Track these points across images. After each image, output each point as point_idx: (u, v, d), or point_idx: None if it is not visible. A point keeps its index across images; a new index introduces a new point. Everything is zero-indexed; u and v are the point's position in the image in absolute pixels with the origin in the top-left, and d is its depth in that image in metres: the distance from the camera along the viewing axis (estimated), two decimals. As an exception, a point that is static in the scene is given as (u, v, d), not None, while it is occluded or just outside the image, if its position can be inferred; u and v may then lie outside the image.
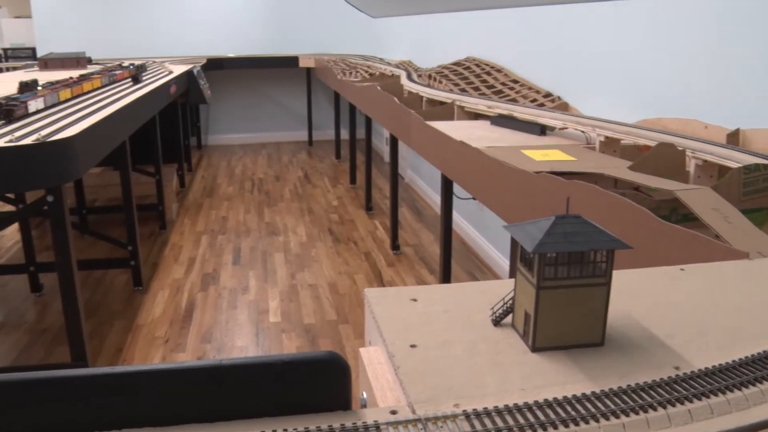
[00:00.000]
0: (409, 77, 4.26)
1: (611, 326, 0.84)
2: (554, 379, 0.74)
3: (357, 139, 6.21)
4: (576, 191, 1.59)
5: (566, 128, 2.46)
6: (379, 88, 3.90)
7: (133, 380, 0.60)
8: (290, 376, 0.63)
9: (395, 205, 4.30)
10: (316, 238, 4.69)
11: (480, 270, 4.12)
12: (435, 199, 5.25)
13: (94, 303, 3.73)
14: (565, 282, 0.78)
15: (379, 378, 0.79)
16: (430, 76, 4.11)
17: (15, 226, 4.72)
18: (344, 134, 7.56)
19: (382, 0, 6.79)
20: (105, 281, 4.04)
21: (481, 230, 4.36)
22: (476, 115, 3.12)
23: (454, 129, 2.70)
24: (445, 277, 3.33)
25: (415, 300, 0.92)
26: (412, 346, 0.80)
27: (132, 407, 0.61)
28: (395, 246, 4.38)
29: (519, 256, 0.82)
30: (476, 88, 3.58)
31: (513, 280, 0.87)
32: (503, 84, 3.56)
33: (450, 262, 3.32)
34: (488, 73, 3.79)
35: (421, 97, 3.63)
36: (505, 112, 2.82)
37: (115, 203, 5.20)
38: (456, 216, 4.49)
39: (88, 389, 0.59)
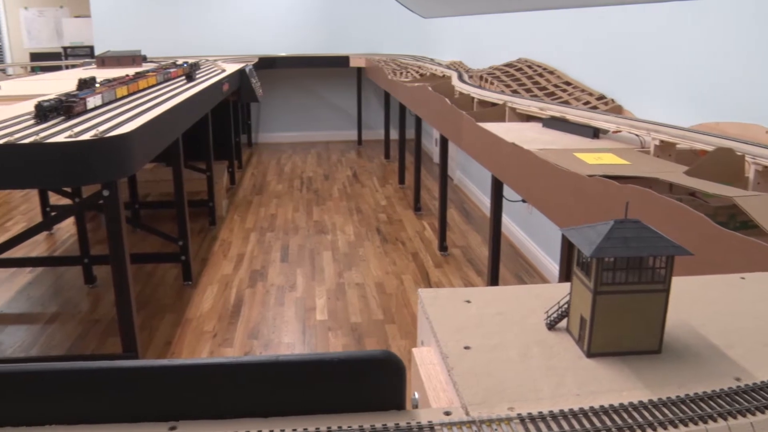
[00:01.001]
0: (461, 78, 4.25)
1: (669, 334, 0.82)
2: (610, 386, 0.73)
3: (406, 140, 6.21)
4: (630, 196, 1.57)
5: (620, 131, 2.42)
6: (430, 88, 3.89)
7: (192, 373, 0.61)
8: (346, 373, 0.63)
9: (444, 205, 4.29)
10: (364, 237, 4.70)
11: (528, 273, 4.09)
12: (484, 200, 5.22)
13: (145, 296, 3.80)
14: (623, 287, 0.77)
15: (432, 379, 0.79)
16: (481, 77, 4.09)
17: (70, 219, 4.84)
18: (393, 134, 7.57)
19: (433, 1, 6.78)
20: (156, 275, 4.11)
21: (530, 233, 4.32)
22: (528, 117, 3.09)
23: (506, 131, 2.68)
24: (493, 280, 3.32)
25: (468, 301, 0.92)
26: (466, 347, 0.80)
27: (189, 399, 0.62)
28: (443, 247, 4.37)
29: (576, 260, 0.81)
30: (528, 90, 3.55)
31: (568, 283, 0.86)
32: (555, 86, 3.52)
33: (498, 264, 3.30)
34: (540, 75, 3.75)
35: (473, 98, 3.62)
36: (557, 115, 2.79)
37: (167, 199, 5.29)
38: (504, 218, 4.46)
39: (150, 380, 0.60)
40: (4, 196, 6.22)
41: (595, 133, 2.53)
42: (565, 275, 2.46)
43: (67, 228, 5.10)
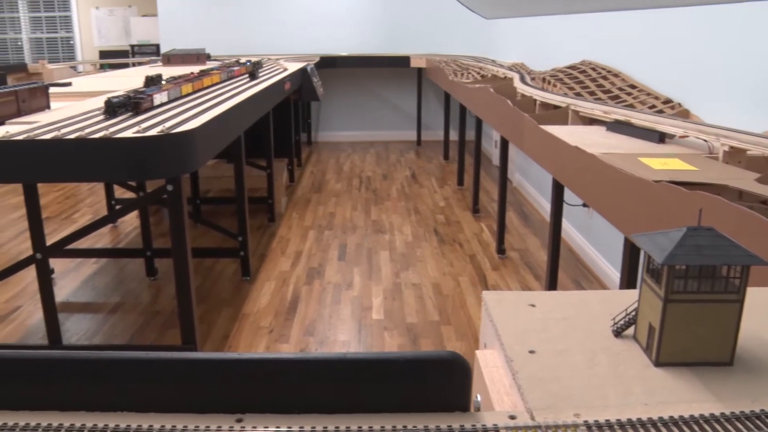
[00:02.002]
0: (522, 80, 4.21)
1: (741, 346, 0.80)
2: (679, 396, 0.71)
3: (466, 141, 6.18)
4: (699, 203, 1.53)
5: (687, 136, 2.37)
6: (491, 90, 3.87)
7: (260, 367, 0.62)
8: (412, 373, 0.63)
9: (503, 208, 4.26)
10: (422, 238, 4.70)
11: (586, 279, 4.03)
12: (543, 204, 5.16)
13: (204, 290, 3.87)
14: (695, 296, 0.75)
15: (496, 381, 0.79)
16: (544, 80, 4.05)
17: (134, 213, 4.95)
18: (453, 135, 7.54)
19: (496, 1, 6.74)
20: (215, 270, 4.17)
21: (590, 238, 4.25)
22: (591, 121, 3.05)
23: (568, 134, 2.64)
24: (552, 284, 3.28)
25: (533, 305, 0.91)
26: (531, 351, 0.79)
27: (256, 393, 0.63)
28: (501, 250, 4.34)
29: (646, 266, 0.80)
30: (592, 93, 3.50)
31: (635, 290, 0.84)
32: (620, 89, 3.46)
33: (557, 268, 3.26)
34: (604, 78, 3.69)
35: (535, 100, 3.58)
36: (621, 118, 2.74)
37: (227, 195, 5.37)
38: (563, 222, 4.40)
39: (219, 372, 0.61)
40: (71, 189, 6.40)
41: (661, 137, 2.48)
42: (627, 282, 2.42)
43: (130, 221, 5.23)
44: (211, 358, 0.61)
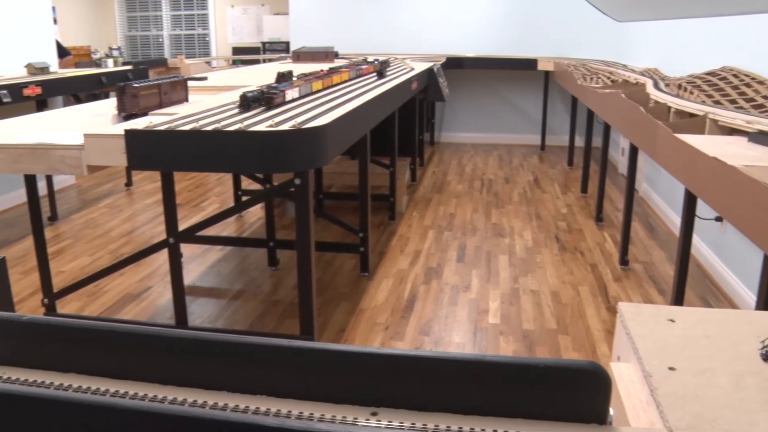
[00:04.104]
0: (656, 86, 4.06)
1: None
2: (837, 429, 0.66)
3: (592, 147, 6.03)
4: None
5: (840, 151, 2.21)
6: (623, 95, 3.75)
7: (397, 362, 0.62)
8: (549, 380, 0.62)
9: (628, 218, 4.12)
10: (542, 244, 4.61)
11: (715, 297, 3.84)
12: (671, 216, 4.96)
13: (323, 283, 3.94)
14: None
15: (631, 396, 0.76)
16: (679, 86, 3.89)
17: (258, 204, 5.11)
18: (578, 141, 7.38)
19: (629, 3, 6.52)
20: (334, 264, 4.25)
21: (721, 254, 4.05)
22: (731, 131, 2.90)
23: (706, 144, 2.52)
24: (678, 300, 3.14)
25: (672, 321, 0.88)
26: (671, 368, 0.76)
27: (392, 388, 0.63)
28: (624, 261, 4.20)
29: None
30: (732, 101, 3.33)
31: (788, 312, 0.79)
32: (765, 97, 3.27)
33: (684, 284, 3.13)
34: (747, 85, 3.51)
35: (669, 107, 3.44)
36: (766, 129, 2.59)
37: (349, 191, 5.46)
38: (693, 236, 4.21)
39: (357, 365, 0.62)
40: (201, 178, 6.68)
41: (810, 151, 2.33)
42: (765, 302, 2.28)
43: (254, 212, 5.40)
44: (351, 350, 0.62)
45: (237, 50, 11.39)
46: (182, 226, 3.33)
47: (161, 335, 0.64)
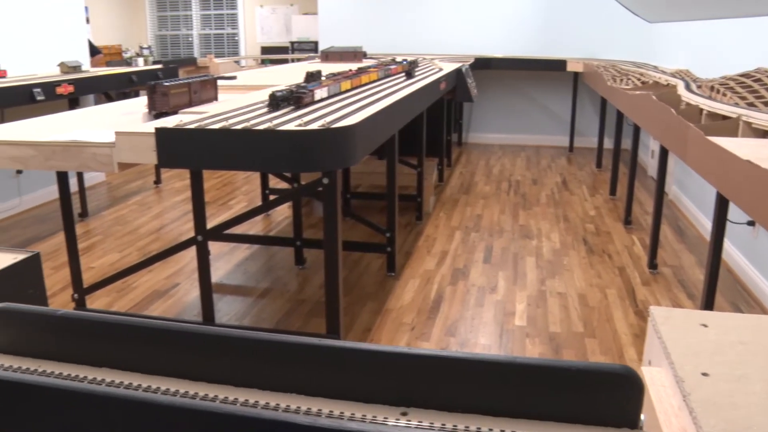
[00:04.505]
0: (688, 88, 4.01)
1: None
2: None
3: (621, 149, 5.97)
4: None
5: None
6: (654, 97, 3.71)
7: (428, 362, 0.62)
8: (581, 383, 0.61)
9: (658, 221, 4.08)
10: (570, 246, 4.58)
11: (746, 303, 3.78)
12: (701, 219, 4.90)
13: (349, 283, 3.95)
14: None
15: (663, 401, 0.75)
16: (711, 88, 3.84)
17: (286, 203, 5.13)
18: (607, 143, 7.32)
19: (661, 4, 6.46)
20: (361, 263, 4.25)
21: (753, 259, 4.00)
22: (765, 133, 2.86)
23: (739, 146, 2.49)
24: (708, 305, 3.10)
25: (705, 326, 0.86)
26: (704, 374, 0.75)
27: (422, 388, 0.63)
28: (653, 264, 4.16)
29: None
30: (767, 103, 3.28)
31: (825, 319, 0.78)
32: (799, 101, 3.22)
33: (715, 289, 3.08)
34: (782, 89, 3.45)
35: (701, 109, 3.40)
36: (801, 133, 2.55)
37: (376, 191, 5.46)
38: (724, 241, 4.15)
39: (387, 364, 0.62)
40: (229, 177, 6.73)
41: None
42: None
43: (281, 210, 5.43)
44: (381, 350, 0.61)
45: (266, 50, 11.46)
46: (210, 224, 3.35)
47: (193, 332, 0.65)
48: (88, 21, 8.95)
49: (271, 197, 5.26)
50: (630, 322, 3.43)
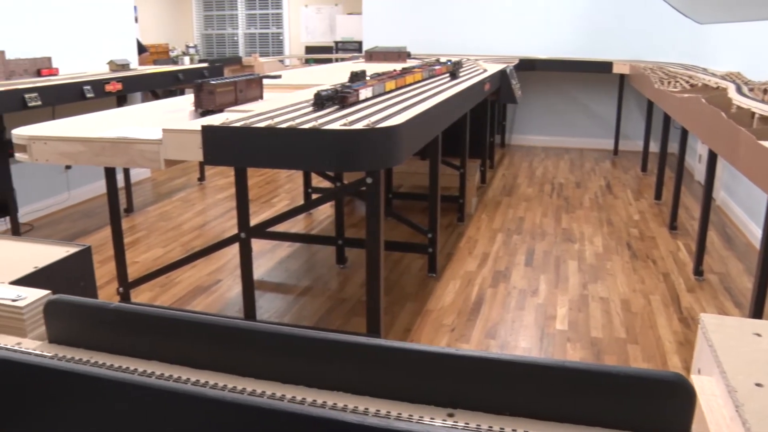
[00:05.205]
0: (739, 90, 3.92)
1: None
2: None
3: (667, 153, 5.88)
4: None
5: None
6: (703, 100, 3.64)
7: (475, 364, 0.61)
8: (631, 390, 0.60)
9: (704, 226, 4.00)
10: (613, 250, 4.52)
11: (796, 311, 3.70)
12: (750, 226, 4.80)
13: (390, 282, 3.95)
14: None
15: (714, 411, 0.74)
16: (765, 91, 3.76)
17: (327, 202, 5.15)
18: (653, 147, 7.21)
19: (712, 4, 6.34)
20: (402, 264, 4.25)
21: (803, 267, 3.90)
22: (819, 139, 2.78)
23: (792, 152, 2.43)
24: (756, 314, 3.03)
25: (759, 335, 0.84)
26: (758, 384, 0.73)
27: (468, 389, 0.62)
28: (698, 271, 4.08)
29: None
30: (820, 109, 3.20)
31: None
32: None
33: (764, 297, 3.01)
34: (837, 93, 3.36)
35: (753, 113, 3.32)
36: None
37: (418, 191, 5.45)
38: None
39: (434, 365, 0.61)
40: (271, 175, 6.78)
41: None
42: None
43: (323, 209, 5.45)
44: (429, 350, 0.61)
45: (310, 49, 11.53)
46: (252, 222, 3.38)
47: (244, 328, 0.65)
48: (136, 20, 9.09)
49: (314, 196, 5.29)
50: (674, 330, 3.38)
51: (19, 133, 2.55)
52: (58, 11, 5.27)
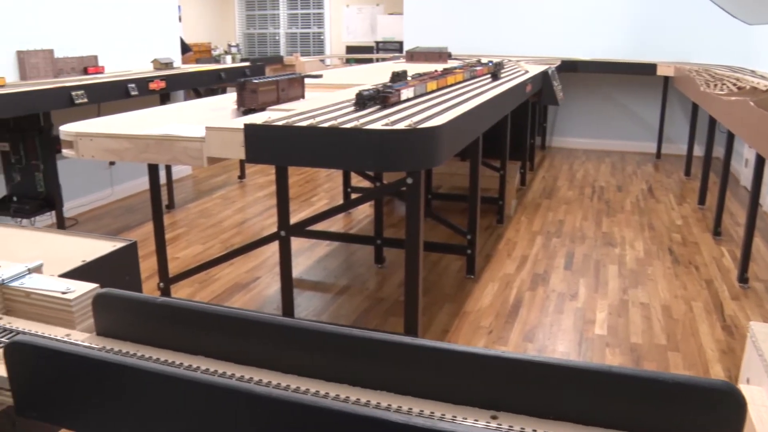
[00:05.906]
0: (788, 95, 3.85)
1: None
2: None
3: (712, 157, 5.78)
4: None
5: None
6: (751, 103, 3.58)
7: (519, 367, 0.61)
8: (679, 397, 0.59)
9: (750, 233, 3.92)
10: (654, 255, 4.46)
11: (844, 320, 3.61)
12: (796, 233, 4.70)
13: (428, 283, 3.94)
14: None
15: (764, 422, 0.72)
16: (814, 96, 3.67)
17: (367, 202, 5.16)
18: (697, 150, 7.09)
19: (763, 4, 6.21)
20: (440, 265, 4.24)
21: None
22: None
23: (843, 158, 2.37)
24: (803, 322, 2.97)
25: (810, 343, 0.82)
26: (810, 394, 0.71)
27: (512, 392, 0.62)
28: (743, 278, 4.00)
29: None
30: None
31: None
32: None
33: (811, 306, 2.95)
34: None
35: (802, 118, 3.26)
36: None
37: (458, 192, 5.44)
38: (822, 255, 3.96)
39: (477, 366, 0.61)
40: (311, 174, 6.82)
41: None
42: None
43: (362, 209, 5.47)
44: (472, 351, 0.61)
45: (351, 49, 11.56)
46: (292, 220, 3.40)
47: (289, 326, 0.66)
48: (180, 19, 9.21)
49: (353, 195, 5.31)
50: (717, 338, 3.32)
51: (67, 129, 2.60)
52: (105, 11, 5.36)
